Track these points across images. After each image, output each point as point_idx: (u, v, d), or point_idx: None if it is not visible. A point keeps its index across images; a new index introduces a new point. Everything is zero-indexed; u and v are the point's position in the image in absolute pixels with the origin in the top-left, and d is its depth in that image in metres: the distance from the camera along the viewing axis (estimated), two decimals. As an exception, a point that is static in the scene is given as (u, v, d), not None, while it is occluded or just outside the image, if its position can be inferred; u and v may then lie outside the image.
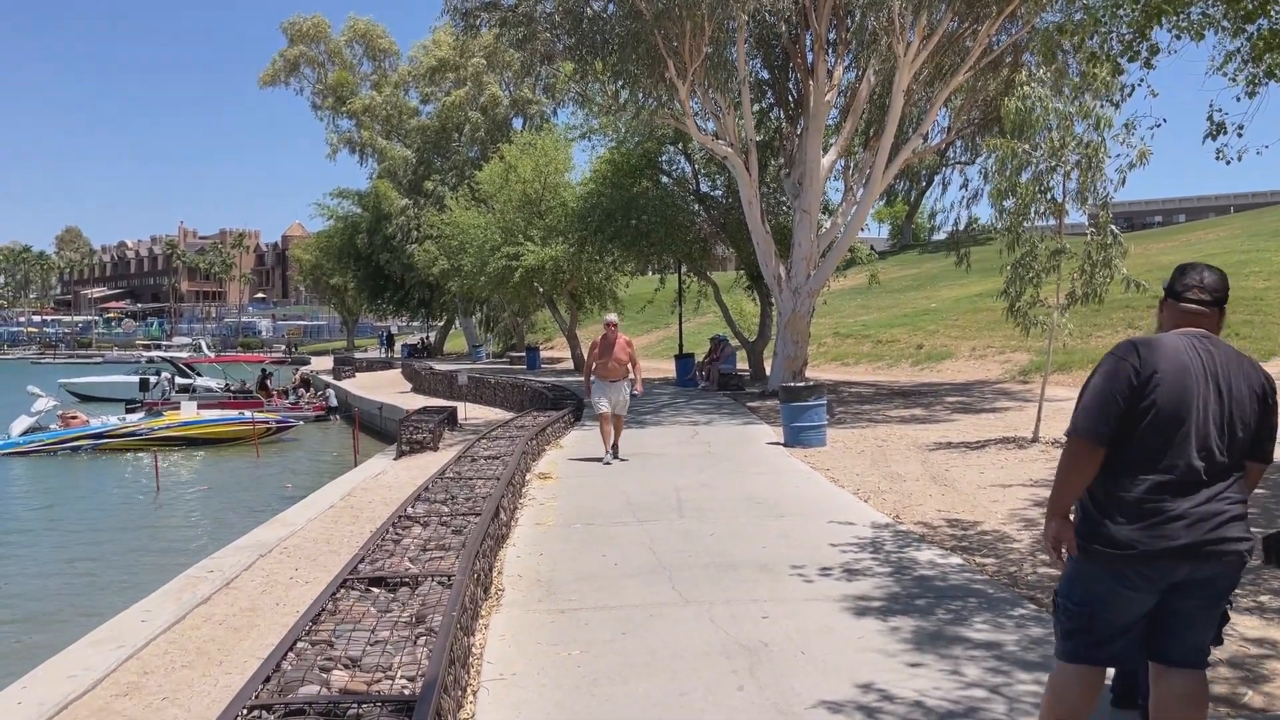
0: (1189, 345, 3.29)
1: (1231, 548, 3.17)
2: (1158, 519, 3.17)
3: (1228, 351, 3.31)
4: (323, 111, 49.96)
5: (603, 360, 12.11)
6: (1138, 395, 3.21)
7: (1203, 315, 3.37)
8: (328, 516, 10.25)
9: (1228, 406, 3.24)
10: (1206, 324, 3.37)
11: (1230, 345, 3.37)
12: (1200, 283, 3.40)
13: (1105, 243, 11.51)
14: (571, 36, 18.90)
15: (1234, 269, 25.52)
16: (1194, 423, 3.20)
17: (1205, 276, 3.41)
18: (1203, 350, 3.28)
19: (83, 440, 24.39)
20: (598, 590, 6.42)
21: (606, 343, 12.13)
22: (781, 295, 20.08)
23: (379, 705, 3.67)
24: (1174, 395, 3.20)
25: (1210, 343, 3.32)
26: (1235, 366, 3.29)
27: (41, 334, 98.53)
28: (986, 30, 17.71)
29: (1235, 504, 3.21)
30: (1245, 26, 6.73)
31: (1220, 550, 3.16)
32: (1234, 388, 3.25)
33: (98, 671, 5.56)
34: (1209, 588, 3.24)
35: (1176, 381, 3.21)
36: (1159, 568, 3.19)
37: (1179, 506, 3.16)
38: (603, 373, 12.10)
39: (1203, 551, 3.16)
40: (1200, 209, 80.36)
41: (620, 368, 12.14)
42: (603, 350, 12.12)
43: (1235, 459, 3.25)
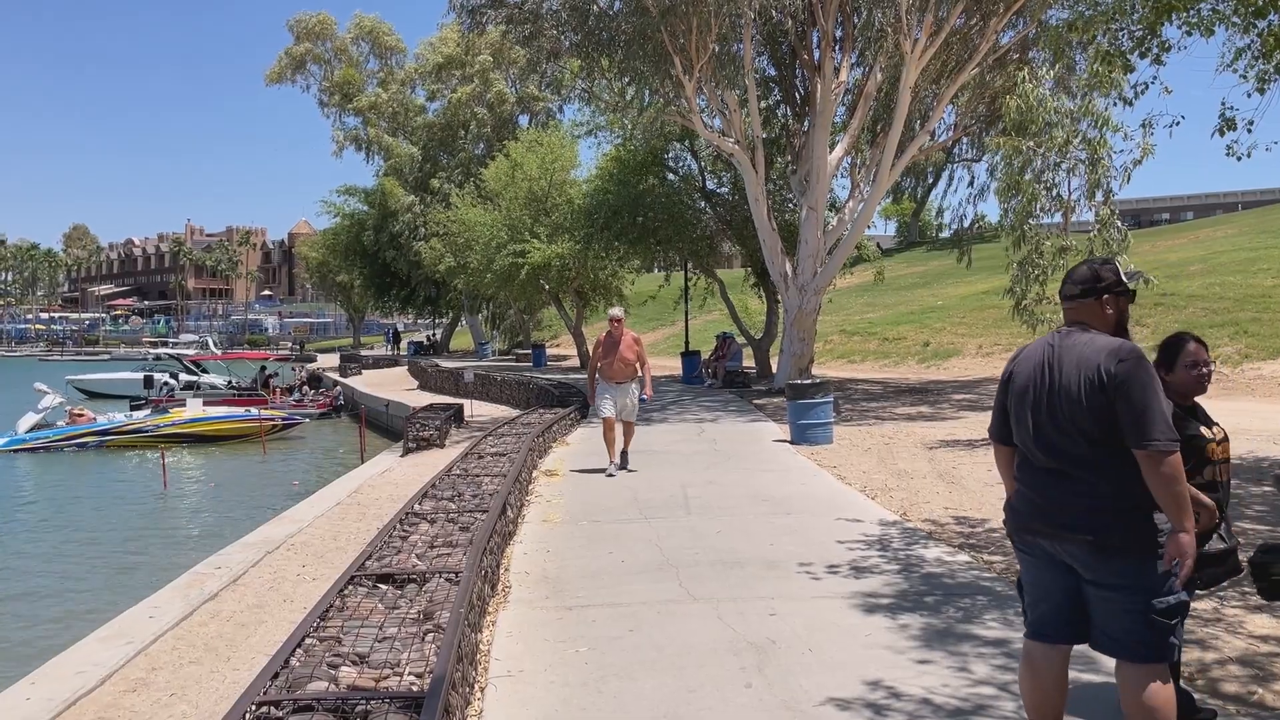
0: (1043, 342, 3.55)
1: (1068, 532, 3.31)
2: (1018, 496, 3.53)
3: (1084, 342, 3.40)
4: (329, 109, 50.06)
5: (607, 360, 10.81)
6: (1003, 393, 3.62)
7: (1073, 309, 3.55)
8: (335, 513, 10.26)
9: (1058, 392, 3.37)
10: (1080, 316, 3.52)
11: (1098, 336, 3.43)
12: (1070, 278, 3.59)
13: (1110, 239, 11.48)
14: (578, 33, 18.89)
15: (1242, 266, 25.45)
16: (1029, 411, 3.46)
17: (1075, 273, 3.59)
18: (1048, 344, 3.51)
19: (88, 437, 24.47)
20: (605, 587, 6.41)
21: (611, 340, 10.83)
22: (788, 292, 20.06)
23: (387, 702, 3.67)
24: (1018, 389, 3.53)
25: (1064, 334, 3.50)
26: (1078, 354, 3.38)
27: (49, 331, 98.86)
28: (994, 27, 17.66)
29: (1082, 494, 3.29)
30: (1255, 23, 6.70)
31: (1058, 533, 3.35)
32: (1066, 372, 3.37)
33: (106, 668, 5.57)
34: (1090, 573, 3.33)
35: (1022, 376, 3.53)
36: (1025, 540, 3.50)
37: (1027, 486, 3.48)
38: (607, 374, 10.84)
39: (1045, 530, 3.39)
40: (1208, 206, 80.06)
41: (627, 368, 10.85)
42: (607, 349, 10.82)
43: (1087, 445, 3.29)
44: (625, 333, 10.86)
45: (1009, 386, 3.57)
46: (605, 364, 10.85)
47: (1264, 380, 17.78)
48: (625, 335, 10.85)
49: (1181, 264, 27.73)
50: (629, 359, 10.82)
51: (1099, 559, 3.29)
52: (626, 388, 10.92)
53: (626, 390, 10.93)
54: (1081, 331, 3.47)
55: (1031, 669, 3.55)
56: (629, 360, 10.83)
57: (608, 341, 10.87)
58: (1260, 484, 9.14)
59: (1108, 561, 3.27)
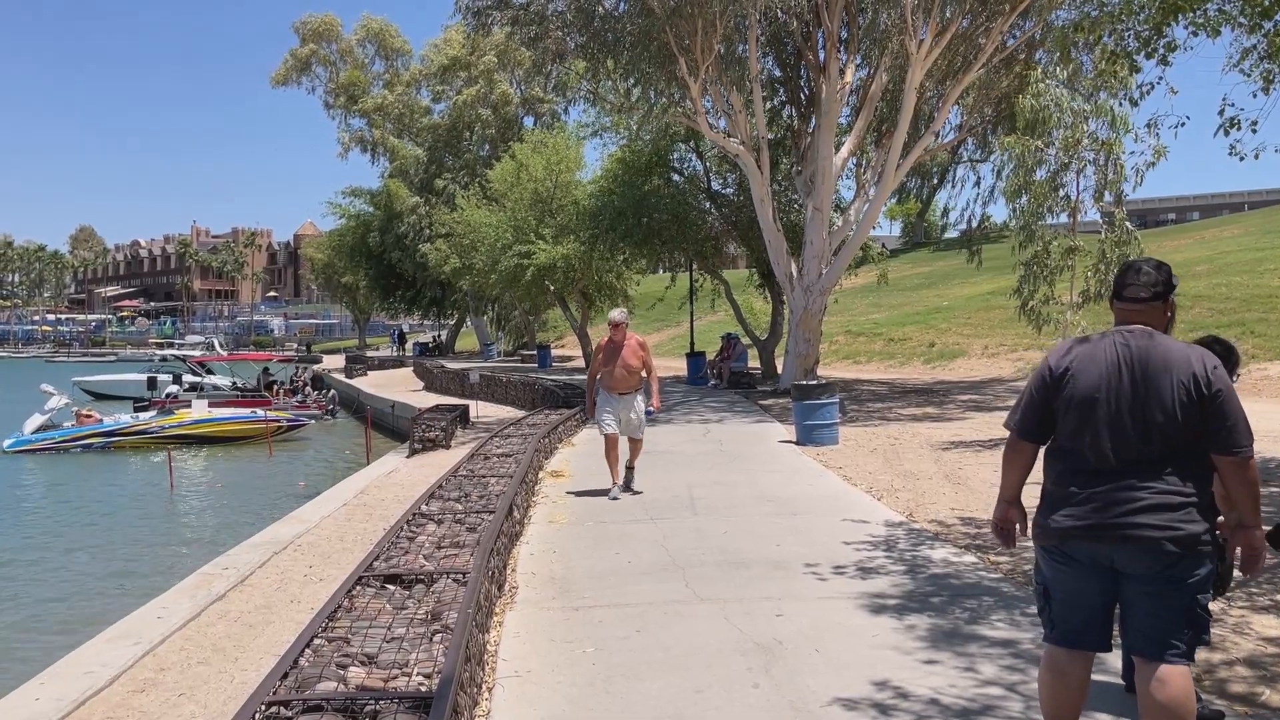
0: (1110, 342, 3.45)
1: (1141, 533, 3.26)
2: (1068, 503, 3.40)
3: (1163, 345, 3.38)
4: (335, 110, 50.16)
5: (609, 368, 9.50)
6: (1053, 392, 3.47)
7: (1141, 312, 3.49)
8: (341, 514, 10.29)
9: (1142, 396, 3.33)
10: (1147, 319, 3.48)
11: (1168, 339, 3.43)
12: (1137, 280, 3.51)
13: (1121, 240, 11.47)
14: (583, 35, 18.90)
15: (1249, 266, 25.38)
16: (1103, 414, 3.37)
17: (1142, 274, 3.51)
18: (1120, 345, 3.42)
19: (94, 438, 24.54)
20: (611, 588, 6.42)
21: (613, 346, 9.53)
22: (793, 293, 20.05)
23: (396, 702, 3.68)
24: (1084, 390, 3.40)
25: (1135, 336, 3.43)
26: (1163, 356, 3.34)
27: (56, 332, 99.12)
28: (999, 27, 17.64)
29: (1159, 493, 3.27)
30: (1262, 23, 6.69)
31: (1130, 534, 3.27)
32: (1156, 376, 3.32)
33: (114, 668, 5.59)
34: (1145, 575, 3.31)
35: (1086, 376, 3.41)
36: (1076, 547, 3.39)
37: (1086, 491, 3.36)
38: (609, 383, 9.54)
39: (1112, 535, 3.30)
40: (1214, 206, 79.89)
41: (631, 377, 9.50)
42: (608, 355, 9.53)
43: (1162, 448, 3.30)
44: (629, 337, 9.54)
45: (1063, 386, 3.45)
46: (606, 372, 9.53)
47: (1271, 381, 17.74)
48: (629, 340, 9.52)
49: (1188, 264, 27.66)
50: (633, 366, 9.47)
51: (1165, 559, 3.27)
52: (630, 400, 9.56)
53: (630, 403, 9.56)
54: (1151, 334, 3.44)
55: (1060, 675, 3.52)
56: (633, 368, 9.48)
57: (608, 347, 9.56)
58: (1266, 484, 9.12)
59: (1175, 562, 3.27)
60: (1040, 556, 3.59)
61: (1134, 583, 3.35)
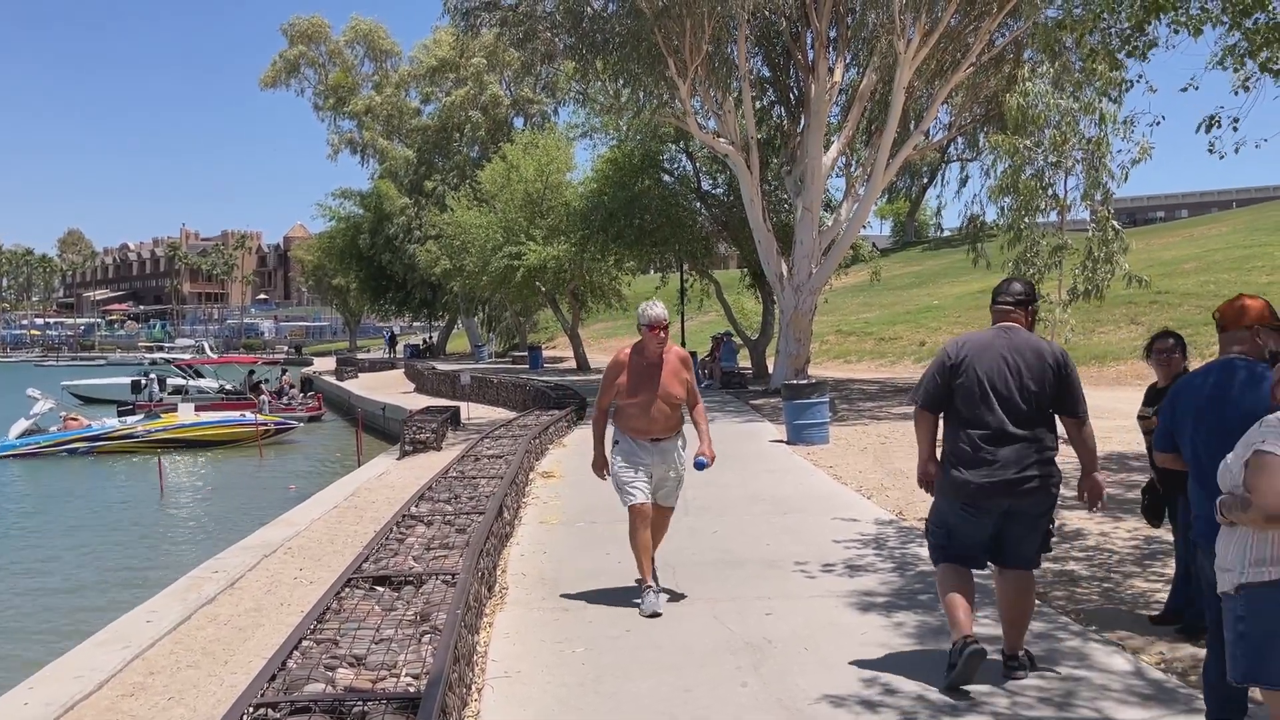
0: (994, 334, 4.54)
1: (1034, 484, 4.36)
2: (981, 464, 4.38)
3: (1029, 338, 4.49)
4: (324, 112, 50.05)
5: (639, 400, 5.93)
6: (951, 376, 4.48)
7: (1007, 312, 4.58)
8: (332, 516, 10.28)
9: (1023, 375, 4.37)
10: (1015, 318, 4.57)
11: (1032, 334, 4.56)
12: (1006, 288, 4.66)
13: (1107, 238, 11.53)
14: (572, 35, 18.92)
15: (1237, 264, 25.52)
16: (999, 390, 4.38)
17: (1014, 286, 4.69)
18: (1002, 338, 4.49)
19: (79, 442, 24.42)
20: (602, 588, 6.43)
21: (645, 365, 5.99)
22: (784, 293, 20.09)
23: (385, 703, 3.69)
24: (982, 372, 4.41)
25: (1011, 331, 4.51)
26: (1031, 347, 4.44)
27: (44, 336, 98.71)
28: (987, 27, 17.71)
29: (1040, 449, 4.37)
30: (1242, 21, 6.74)
31: (1027, 488, 4.35)
32: (1028, 361, 4.39)
33: (104, 672, 5.58)
34: (1028, 515, 4.44)
35: (981, 362, 4.43)
36: (986, 499, 4.39)
37: (996, 453, 4.35)
38: (639, 424, 5.96)
39: (1017, 489, 4.35)
40: (1203, 204, 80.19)
41: (673, 414, 6.05)
42: (638, 380, 5.96)
43: (1037, 414, 4.37)
44: (670, 349, 6.09)
45: (961, 371, 4.44)
46: (634, 407, 5.94)
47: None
48: (669, 353, 6.05)
49: (1176, 262, 27.79)
50: (677, 397, 6.00)
51: (1040, 499, 4.41)
52: (669, 449, 6.05)
53: (669, 454, 6.05)
54: (1020, 330, 4.52)
55: (961, 583, 4.50)
56: (676, 399, 6.00)
57: (638, 367, 5.97)
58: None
59: (1044, 499, 4.43)
60: (948, 508, 4.54)
61: (1017, 523, 4.45)
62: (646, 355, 5.97)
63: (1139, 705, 4.25)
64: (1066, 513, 7.90)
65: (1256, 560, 2.97)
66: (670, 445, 6.07)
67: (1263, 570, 2.95)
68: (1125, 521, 7.73)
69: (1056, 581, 6.21)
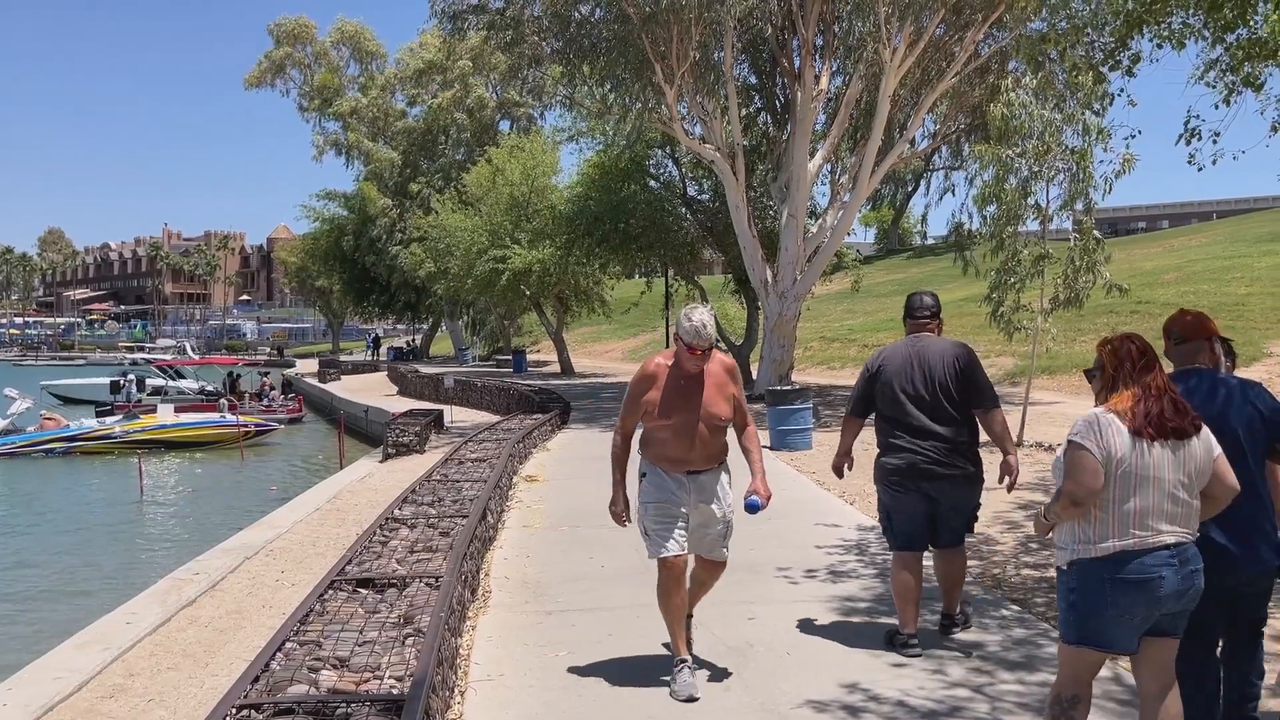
0: (907, 344, 5.26)
1: (953, 471, 5.05)
2: (900, 452, 5.11)
3: (936, 344, 5.20)
4: (309, 113, 49.94)
5: (673, 422, 4.75)
6: (871, 384, 5.25)
7: (923, 324, 5.29)
8: (314, 519, 10.24)
9: (932, 377, 5.06)
10: (928, 328, 5.29)
11: (941, 339, 5.27)
12: (920, 304, 5.32)
13: (1089, 247, 11.62)
14: (559, 40, 18.93)
15: (1217, 275, 25.76)
16: (906, 391, 5.08)
17: (924, 300, 5.34)
18: (910, 347, 5.22)
19: (56, 442, 24.21)
20: (585, 592, 6.44)
21: (683, 377, 4.78)
22: (768, 299, 20.14)
23: (368, 705, 3.68)
24: (890, 376, 5.15)
25: (919, 340, 5.24)
26: (936, 352, 5.14)
27: (24, 336, 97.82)
28: (973, 37, 17.83)
29: (956, 441, 5.05)
30: (1225, 36, 6.83)
31: (942, 473, 5.03)
32: (933, 364, 5.09)
33: (83, 674, 5.54)
34: (951, 500, 5.13)
35: (890, 368, 5.18)
36: (909, 481, 5.08)
37: (913, 443, 5.06)
38: (674, 451, 4.78)
39: (932, 472, 5.03)
40: (1184, 215, 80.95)
41: (715, 439, 4.85)
42: (674, 397, 4.76)
43: (950, 409, 5.04)
44: (714, 357, 4.81)
45: (879, 378, 5.20)
46: (667, 429, 4.76)
47: (1237, 387, 18.01)
48: (713, 362, 4.80)
49: (1157, 272, 28.04)
50: (720, 418, 4.81)
51: (963, 485, 5.12)
52: (711, 484, 4.87)
53: (711, 490, 4.86)
54: (930, 338, 5.24)
55: (911, 569, 5.13)
56: (720, 420, 4.82)
57: (672, 377, 4.78)
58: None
59: (966, 486, 5.14)
60: (882, 491, 5.26)
61: (945, 503, 5.13)
62: (685, 369, 4.73)
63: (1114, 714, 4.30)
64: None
65: (1084, 540, 3.39)
66: (712, 479, 4.78)
67: (1089, 548, 3.37)
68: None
69: (1037, 588, 6.26)
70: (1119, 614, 3.33)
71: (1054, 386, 19.49)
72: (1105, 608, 3.34)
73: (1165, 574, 3.29)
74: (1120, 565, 3.30)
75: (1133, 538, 3.30)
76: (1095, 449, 3.31)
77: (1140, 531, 3.30)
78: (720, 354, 4.89)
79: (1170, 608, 3.35)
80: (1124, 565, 3.30)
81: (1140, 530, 3.30)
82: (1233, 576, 3.58)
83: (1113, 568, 3.31)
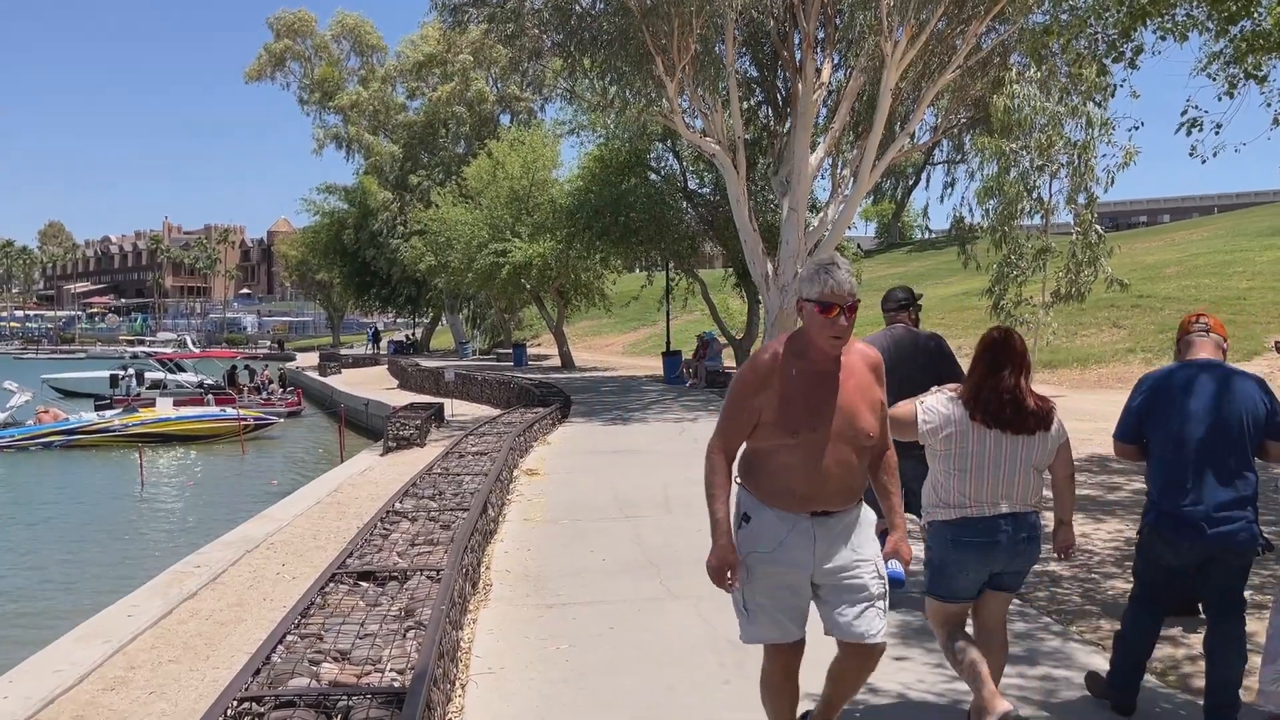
0: (883, 334, 5.89)
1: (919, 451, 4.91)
2: None
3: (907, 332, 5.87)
4: (309, 107, 49.82)
5: (798, 440, 3.25)
6: None
7: (895, 315, 5.95)
8: (314, 512, 10.23)
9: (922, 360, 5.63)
10: (899, 320, 5.94)
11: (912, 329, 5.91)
12: (895, 297, 6.01)
13: (1091, 241, 11.61)
14: (560, 32, 18.88)
15: (1218, 269, 25.73)
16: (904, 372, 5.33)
17: (899, 292, 6.04)
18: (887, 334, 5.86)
19: (54, 436, 24.20)
20: (585, 585, 6.44)
21: (812, 374, 3.29)
22: (769, 293, 20.11)
23: (369, 697, 3.68)
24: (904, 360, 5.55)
25: (894, 329, 5.89)
26: (908, 339, 5.81)
27: (24, 329, 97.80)
28: (975, 30, 17.77)
29: None
30: (1228, 28, 6.81)
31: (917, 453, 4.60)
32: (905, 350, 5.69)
33: (84, 666, 5.54)
34: None
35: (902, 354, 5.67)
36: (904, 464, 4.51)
37: None
38: (794, 484, 3.29)
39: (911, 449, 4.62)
40: (1185, 209, 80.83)
41: (857, 466, 3.34)
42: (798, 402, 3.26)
43: None
44: (852, 346, 3.41)
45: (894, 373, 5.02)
46: (788, 450, 3.30)
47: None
48: (851, 354, 3.39)
49: (1158, 266, 28.00)
50: (866, 434, 3.35)
51: None
52: (845, 529, 3.38)
53: (848, 535, 3.39)
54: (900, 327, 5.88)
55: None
56: (865, 437, 3.35)
57: (799, 375, 3.30)
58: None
59: None
60: None
61: None
62: (813, 358, 3.26)
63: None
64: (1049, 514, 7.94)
65: (931, 504, 3.93)
66: (847, 524, 3.34)
67: (936, 511, 3.90)
68: (1106, 523, 7.81)
69: (1038, 582, 6.26)
70: (959, 570, 3.85)
71: (1055, 380, 19.46)
72: (949, 564, 3.87)
73: (1000, 539, 3.78)
74: (962, 529, 3.81)
75: (970, 507, 3.80)
76: (928, 415, 3.89)
77: (979, 500, 3.79)
78: (860, 343, 3.45)
79: (1002, 567, 3.85)
80: (964, 529, 3.81)
81: (978, 500, 3.79)
82: (1202, 548, 3.92)
83: (955, 530, 3.83)
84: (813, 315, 3.24)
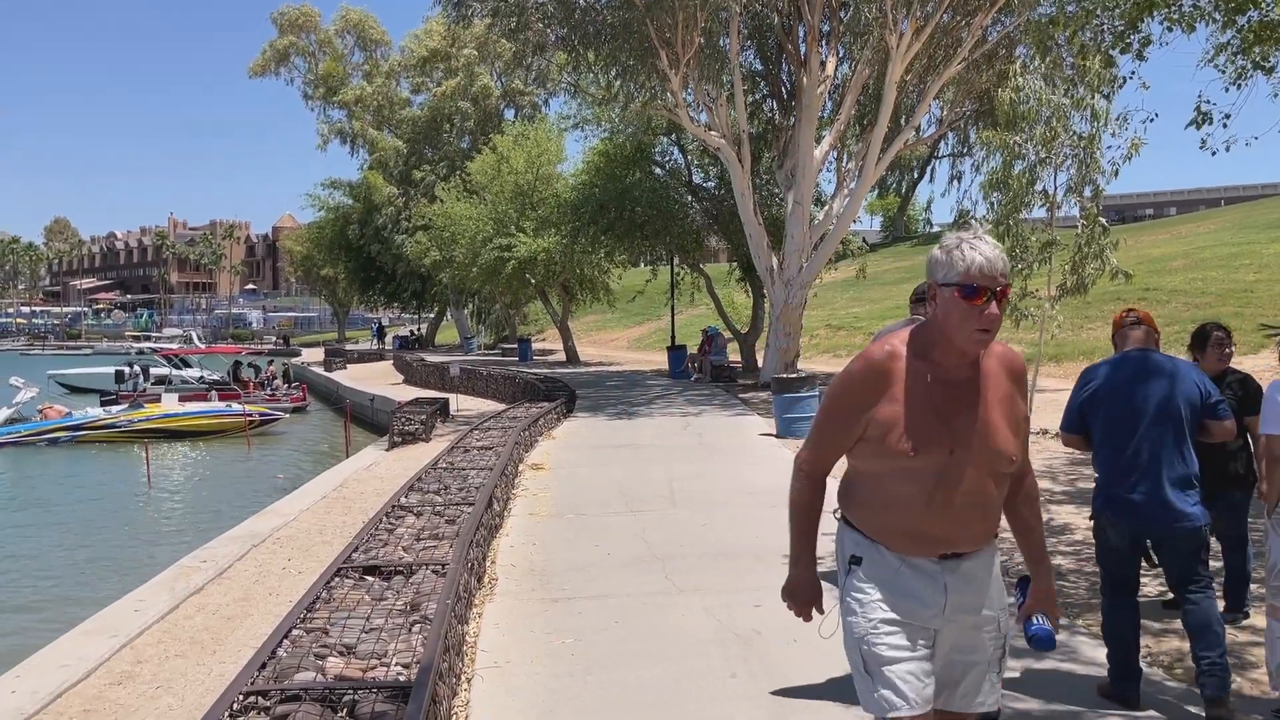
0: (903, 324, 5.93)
1: None
2: None
3: None
4: (314, 102, 49.88)
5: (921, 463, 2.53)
6: None
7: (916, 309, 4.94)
8: (320, 507, 10.25)
9: None
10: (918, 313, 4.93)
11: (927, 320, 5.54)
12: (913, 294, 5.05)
13: (1096, 234, 11.56)
14: (564, 26, 18.87)
15: (1224, 261, 25.64)
16: None
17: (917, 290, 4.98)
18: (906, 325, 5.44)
19: (60, 432, 24.24)
20: (591, 580, 6.44)
21: (942, 381, 2.56)
22: (774, 287, 20.10)
23: (375, 691, 3.68)
24: None
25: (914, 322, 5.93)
26: None
27: (30, 325, 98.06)
28: (980, 22, 17.73)
29: None
30: (1235, 18, 6.78)
31: None
32: None
33: (91, 661, 5.56)
34: None
35: None
36: None
37: None
38: (917, 520, 2.60)
39: None
40: (1191, 202, 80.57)
41: (995, 498, 2.62)
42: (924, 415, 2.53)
43: None
44: (992, 346, 2.58)
45: None
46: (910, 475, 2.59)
47: (1245, 374, 17.92)
48: (990, 357, 2.60)
49: (1164, 259, 27.92)
50: (1009, 456, 2.59)
51: None
52: (979, 573, 2.67)
53: (979, 585, 2.67)
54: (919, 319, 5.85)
55: None
56: (1009, 461, 2.59)
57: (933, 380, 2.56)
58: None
59: None
60: None
61: None
62: (946, 360, 2.59)
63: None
64: (1055, 507, 7.96)
65: None
66: (982, 569, 2.70)
67: None
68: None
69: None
70: None
71: (1061, 374, 19.41)
72: None
73: None
74: None
75: None
76: None
77: None
78: (1000, 345, 2.65)
79: None
80: None
81: None
82: (1149, 530, 4.16)
83: None
84: (953, 303, 2.48)
